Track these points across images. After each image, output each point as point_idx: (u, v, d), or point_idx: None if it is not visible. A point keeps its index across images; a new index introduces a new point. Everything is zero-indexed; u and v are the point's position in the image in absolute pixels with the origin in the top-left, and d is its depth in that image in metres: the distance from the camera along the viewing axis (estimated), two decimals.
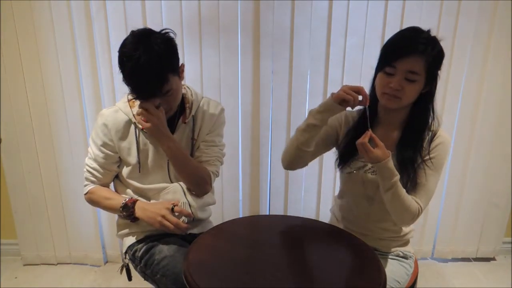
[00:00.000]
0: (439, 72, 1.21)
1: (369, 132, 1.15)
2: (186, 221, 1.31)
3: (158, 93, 1.17)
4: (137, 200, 1.32)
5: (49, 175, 2.13)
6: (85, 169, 1.38)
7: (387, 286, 1.24)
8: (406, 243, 1.40)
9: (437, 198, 2.21)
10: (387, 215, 1.32)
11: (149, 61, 1.12)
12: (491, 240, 2.34)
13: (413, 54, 1.14)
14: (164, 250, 1.29)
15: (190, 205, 1.34)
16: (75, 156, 2.08)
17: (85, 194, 1.39)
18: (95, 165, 1.35)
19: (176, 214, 1.28)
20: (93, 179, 1.37)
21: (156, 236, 1.37)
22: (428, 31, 1.18)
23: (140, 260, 1.34)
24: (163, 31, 1.20)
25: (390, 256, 1.36)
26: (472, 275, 2.24)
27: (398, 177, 1.17)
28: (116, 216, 1.45)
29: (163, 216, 1.25)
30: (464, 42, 1.98)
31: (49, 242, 2.25)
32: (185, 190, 1.35)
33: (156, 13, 1.92)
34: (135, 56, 1.12)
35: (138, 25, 1.21)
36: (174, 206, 1.29)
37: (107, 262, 2.32)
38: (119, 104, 1.35)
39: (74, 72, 1.98)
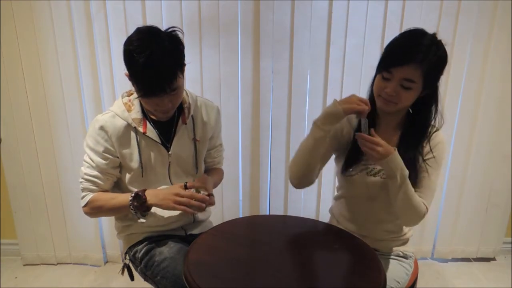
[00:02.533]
0: (441, 76, 1.20)
1: (372, 131, 1.15)
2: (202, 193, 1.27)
3: (168, 89, 1.16)
4: (146, 189, 1.28)
5: (49, 175, 2.13)
6: (82, 179, 1.30)
7: (387, 286, 1.24)
8: (405, 242, 1.40)
9: (437, 198, 2.21)
10: (388, 216, 1.32)
11: (162, 56, 1.11)
12: (491, 240, 2.34)
13: (410, 63, 1.11)
14: (164, 251, 1.29)
15: None
16: (75, 156, 2.07)
17: (84, 206, 1.30)
18: (95, 172, 1.28)
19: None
20: (93, 187, 1.29)
21: (156, 237, 1.37)
22: (433, 34, 1.15)
23: (140, 261, 1.33)
24: (170, 29, 1.19)
25: (390, 256, 1.36)
26: (472, 275, 2.24)
27: (407, 172, 1.16)
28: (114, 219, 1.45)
29: (177, 194, 1.21)
30: (464, 42, 1.99)
31: (49, 242, 2.25)
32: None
33: (156, 13, 1.92)
34: (147, 51, 1.10)
35: (138, 25, 1.20)
36: (186, 183, 1.26)
37: (107, 262, 2.32)
38: (114, 109, 1.29)
39: (74, 72, 1.98)
